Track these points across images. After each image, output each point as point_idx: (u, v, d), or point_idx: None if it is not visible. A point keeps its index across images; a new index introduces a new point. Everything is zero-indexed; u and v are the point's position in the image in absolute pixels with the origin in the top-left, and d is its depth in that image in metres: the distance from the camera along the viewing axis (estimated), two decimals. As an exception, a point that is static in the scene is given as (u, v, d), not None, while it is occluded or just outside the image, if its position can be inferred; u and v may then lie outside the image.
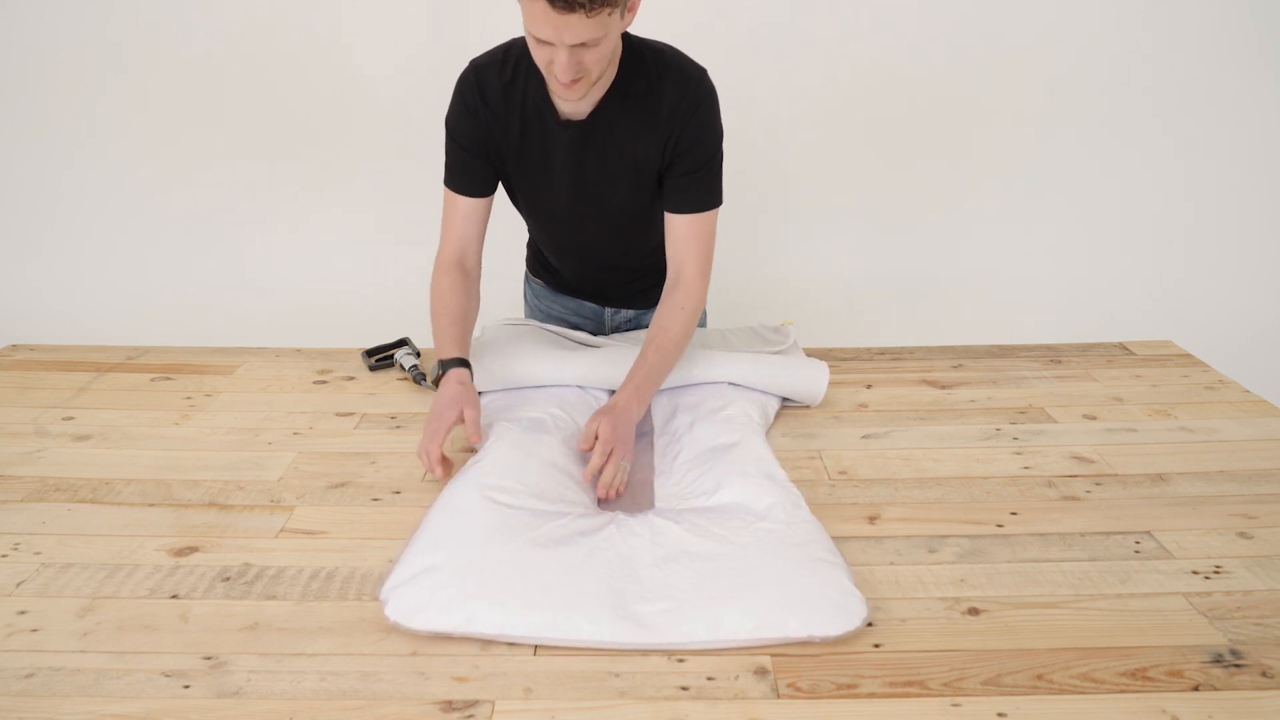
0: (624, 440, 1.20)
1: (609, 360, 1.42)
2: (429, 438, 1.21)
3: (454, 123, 1.36)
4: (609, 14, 1.10)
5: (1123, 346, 1.67)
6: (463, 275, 1.40)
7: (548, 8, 1.08)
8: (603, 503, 1.17)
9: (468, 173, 1.37)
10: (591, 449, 1.19)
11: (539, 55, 1.17)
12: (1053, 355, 1.64)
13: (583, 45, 1.12)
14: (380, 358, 1.60)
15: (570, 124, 1.31)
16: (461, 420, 1.24)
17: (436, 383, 1.33)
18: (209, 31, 2.46)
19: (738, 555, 1.00)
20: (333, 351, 1.67)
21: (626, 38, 1.29)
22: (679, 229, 1.35)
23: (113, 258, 2.69)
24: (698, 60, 1.33)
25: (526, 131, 1.33)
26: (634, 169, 1.35)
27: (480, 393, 1.44)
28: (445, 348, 1.34)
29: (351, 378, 1.57)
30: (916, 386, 1.52)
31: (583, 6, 1.07)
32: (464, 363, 1.32)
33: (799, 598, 0.94)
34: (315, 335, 1.89)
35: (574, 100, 1.24)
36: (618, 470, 1.17)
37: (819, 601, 0.93)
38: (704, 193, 1.34)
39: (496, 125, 1.33)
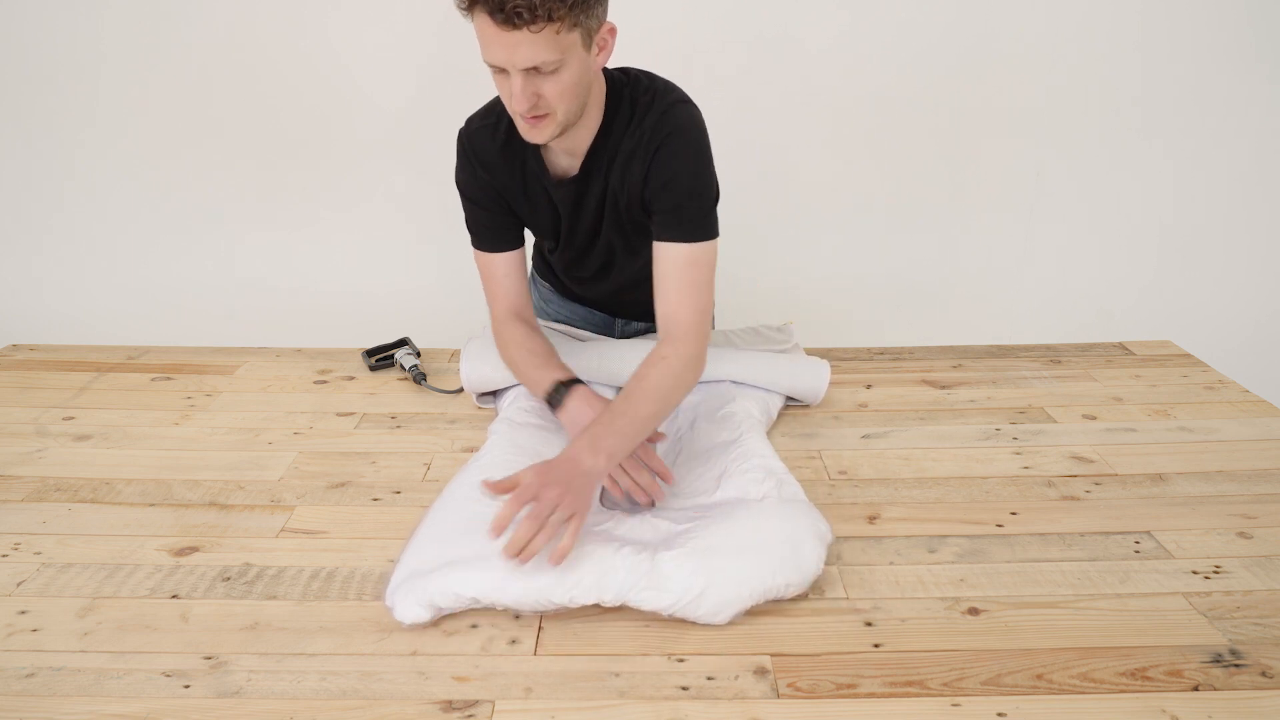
0: (552, 488, 0.97)
1: (614, 354, 1.41)
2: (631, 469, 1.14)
3: (463, 183, 1.30)
4: (557, 33, 1.02)
5: (1122, 346, 1.67)
6: (526, 325, 1.34)
7: (491, 23, 1.01)
8: (604, 501, 1.17)
9: (492, 230, 1.31)
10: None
11: (500, 88, 1.11)
12: (1052, 355, 1.64)
13: (537, 71, 1.05)
14: (380, 358, 1.60)
15: (564, 182, 1.26)
16: None
17: (553, 408, 1.23)
18: (210, 33, 2.46)
19: (724, 528, 1.02)
20: (333, 351, 1.67)
21: (609, 77, 1.21)
22: (661, 261, 1.21)
23: (113, 258, 2.69)
24: (694, 77, 1.24)
25: (529, 192, 1.29)
26: (631, 215, 1.28)
27: (482, 394, 1.44)
28: (548, 375, 1.25)
29: (351, 378, 1.57)
30: (916, 386, 1.52)
31: (525, 21, 0.99)
32: (578, 380, 1.24)
33: (779, 553, 0.98)
34: (315, 335, 1.89)
35: (541, 141, 1.14)
36: (539, 525, 0.95)
37: (791, 556, 0.98)
38: (689, 223, 1.19)
39: (499, 185, 1.29)
